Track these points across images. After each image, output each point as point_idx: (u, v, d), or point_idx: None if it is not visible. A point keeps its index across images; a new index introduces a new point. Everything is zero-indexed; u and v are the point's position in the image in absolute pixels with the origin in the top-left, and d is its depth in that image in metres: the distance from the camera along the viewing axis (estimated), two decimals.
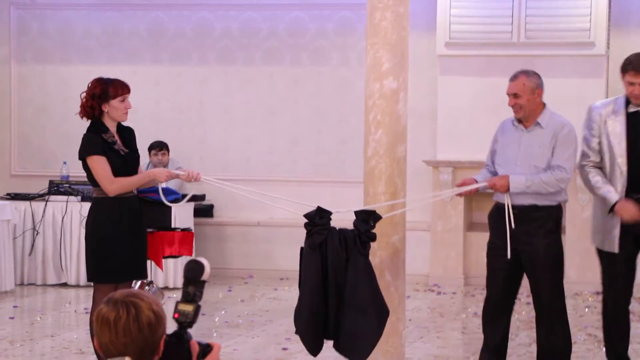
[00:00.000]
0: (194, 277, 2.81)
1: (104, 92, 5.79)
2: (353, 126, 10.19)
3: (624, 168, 5.72)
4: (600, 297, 9.35)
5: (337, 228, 5.74)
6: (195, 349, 2.78)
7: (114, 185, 5.76)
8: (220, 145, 10.86)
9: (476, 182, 5.83)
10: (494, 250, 5.82)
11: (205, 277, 2.82)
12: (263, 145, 10.80)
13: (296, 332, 5.85)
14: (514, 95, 5.77)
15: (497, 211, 5.82)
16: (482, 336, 6.06)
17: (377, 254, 6.35)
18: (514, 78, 5.81)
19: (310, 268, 5.71)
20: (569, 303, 9.10)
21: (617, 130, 5.76)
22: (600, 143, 5.79)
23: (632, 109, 5.80)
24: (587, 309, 8.81)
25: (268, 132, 10.80)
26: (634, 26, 10.10)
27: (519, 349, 7.04)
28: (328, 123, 10.65)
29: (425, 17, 10.13)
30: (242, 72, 10.82)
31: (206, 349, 2.80)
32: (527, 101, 5.74)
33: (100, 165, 5.77)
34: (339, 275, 5.68)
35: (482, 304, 6.12)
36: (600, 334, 7.65)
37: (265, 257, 10.45)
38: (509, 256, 5.70)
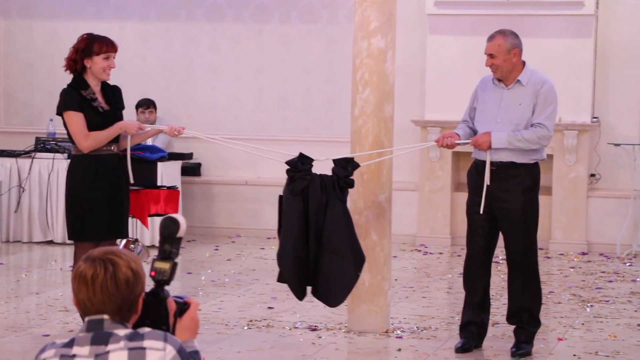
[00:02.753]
0: (169, 235, 2.78)
1: (88, 47, 5.74)
2: (341, 85, 10.12)
3: None
4: (586, 258, 9.42)
5: (318, 174, 5.80)
6: (172, 307, 2.76)
7: (87, 141, 5.73)
8: (208, 103, 10.79)
9: (458, 136, 5.86)
10: (473, 207, 5.86)
11: (181, 234, 2.79)
12: (251, 104, 10.74)
13: (281, 280, 5.88)
14: (490, 56, 5.81)
15: (476, 168, 5.88)
16: None
17: (363, 213, 6.34)
18: (490, 38, 5.83)
19: (292, 214, 5.75)
20: (554, 263, 9.17)
21: None
22: None
23: None
24: (572, 269, 8.83)
25: (256, 90, 10.73)
26: None
27: (503, 309, 7.05)
28: (317, 82, 10.59)
29: None
30: (231, 30, 10.72)
31: (183, 306, 2.78)
32: (503, 61, 5.76)
33: (75, 120, 5.73)
34: (319, 220, 5.74)
35: None
36: (584, 294, 7.69)
37: (252, 216, 10.43)
38: (481, 211, 5.75)
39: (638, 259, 9.35)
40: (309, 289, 5.87)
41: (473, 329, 5.96)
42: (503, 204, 5.76)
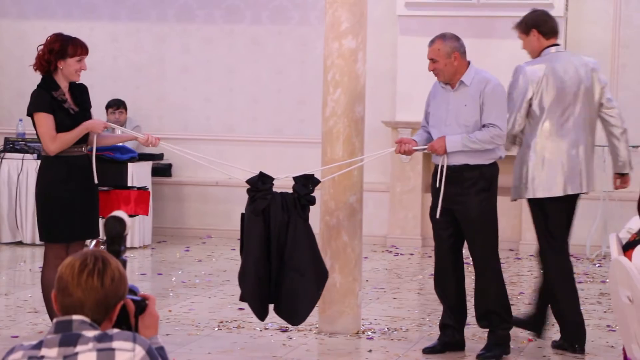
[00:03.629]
0: (117, 234, 2.79)
1: (63, 49, 5.73)
2: (312, 86, 10.12)
3: None
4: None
5: (279, 192, 5.77)
6: (131, 308, 2.75)
7: (55, 144, 5.72)
8: (179, 104, 10.76)
9: (415, 142, 5.88)
10: (433, 211, 5.87)
11: (127, 231, 2.81)
12: (222, 104, 10.72)
13: (242, 299, 5.86)
14: (432, 60, 5.81)
15: (435, 173, 5.88)
16: (437, 297, 6.10)
17: (334, 214, 6.34)
18: (431, 43, 5.85)
19: (253, 233, 5.73)
20: (525, 264, 9.20)
21: None
22: None
23: None
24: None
25: (228, 91, 10.71)
26: None
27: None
28: (287, 82, 10.58)
29: None
30: (202, 30, 10.69)
31: (142, 304, 2.77)
32: (444, 65, 5.77)
33: (44, 122, 5.71)
34: (281, 239, 5.72)
35: None
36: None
37: (223, 217, 10.40)
38: (437, 215, 5.77)
39: (607, 260, 9.40)
40: (270, 307, 5.84)
41: (448, 331, 5.96)
42: (459, 207, 5.78)
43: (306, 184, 5.82)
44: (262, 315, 5.84)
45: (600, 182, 9.70)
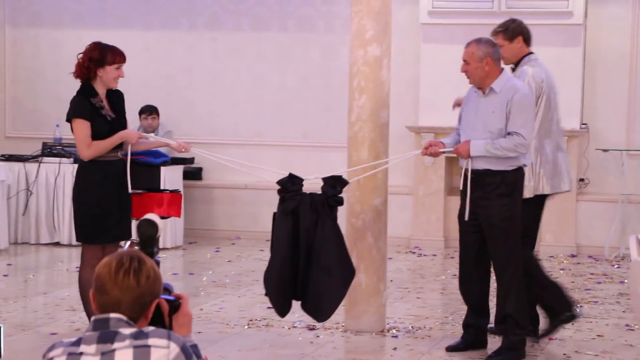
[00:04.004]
0: (149, 237, 2.81)
1: (102, 57, 5.77)
2: (338, 92, 10.14)
3: None
4: (575, 260, 9.43)
5: (308, 193, 5.77)
6: (165, 307, 2.76)
7: (89, 150, 5.77)
8: (209, 110, 10.80)
9: (443, 144, 5.86)
10: (462, 213, 5.86)
11: (160, 233, 2.83)
12: (250, 110, 10.75)
13: (266, 294, 5.87)
14: (464, 62, 5.78)
15: (462, 176, 5.86)
16: (460, 297, 6.08)
17: (360, 216, 6.35)
18: (467, 45, 5.82)
19: (282, 233, 5.73)
20: (545, 265, 9.14)
21: None
22: None
23: None
24: (562, 271, 8.84)
25: (255, 97, 10.73)
26: None
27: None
28: (314, 89, 10.59)
29: None
30: (231, 38, 10.73)
31: (175, 303, 2.78)
32: (474, 69, 5.72)
33: (81, 129, 5.76)
34: (310, 238, 5.72)
35: None
36: (574, 295, 7.69)
37: (251, 219, 10.43)
38: (466, 217, 5.75)
39: (625, 261, 9.35)
40: (296, 303, 5.85)
41: (471, 331, 5.94)
42: (482, 211, 5.73)
43: (334, 185, 5.80)
44: (282, 312, 5.84)
45: (619, 184, 9.67)
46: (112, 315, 2.66)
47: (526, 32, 6.20)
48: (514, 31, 6.16)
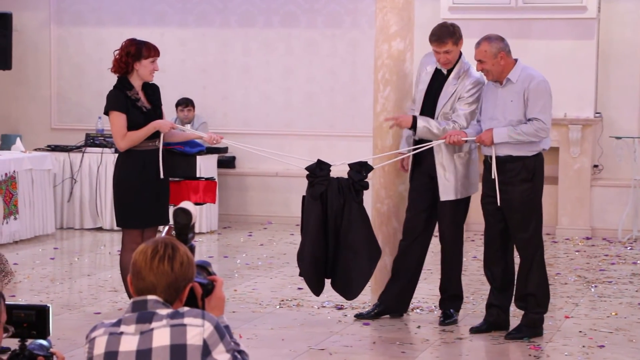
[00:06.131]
0: (184, 225, 2.79)
1: (138, 52, 5.77)
2: (363, 84, 10.09)
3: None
4: (590, 242, 9.35)
5: (336, 178, 5.76)
6: (198, 291, 2.75)
7: (124, 141, 5.78)
8: (241, 102, 10.79)
9: (465, 133, 5.79)
10: (484, 198, 5.82)
11: (194, 220, 2.81)
12: (280, 102, 10.72)
13: (300, 275, 5.87)
14: (479, 62, 5.68)
15: (485, 163, 5.81)
16: (480, 278, 6.03)
17: (384, 202, 6.32)
18: (477, 45, 5.71)
19: (311, 216, 5.74)
20: (561, 247, 9.10)
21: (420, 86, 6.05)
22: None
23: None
24: (577, 253, 8.76)
25: (285, 90, 10.71)
26: None
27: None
28: (340, 81, 10.55)
29: None
30: (262, 34, 10.71)
31: (208, 287, 2.76)
32: (491, 66, 5.64)
33: (117, 120, 5.77)
34: (337, 220, 5.72)
35: (481, 249, 6.10)
36: (589, 276, 7.63)
37: (282, 205, 10.42)
38: (498, 203, 5.67)
39: (638, 243, 9.27)
40: (327, 282, 5.84)
41: (493, 311, 5.87)
42: (503, 195, 5.67)
43: (360, 170, 5.80)
44: (317, 290, 5.86)
45: (632, 170, 9.57)
46: (150, 297, 2.67)
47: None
48: (460, 35, 6.02)
